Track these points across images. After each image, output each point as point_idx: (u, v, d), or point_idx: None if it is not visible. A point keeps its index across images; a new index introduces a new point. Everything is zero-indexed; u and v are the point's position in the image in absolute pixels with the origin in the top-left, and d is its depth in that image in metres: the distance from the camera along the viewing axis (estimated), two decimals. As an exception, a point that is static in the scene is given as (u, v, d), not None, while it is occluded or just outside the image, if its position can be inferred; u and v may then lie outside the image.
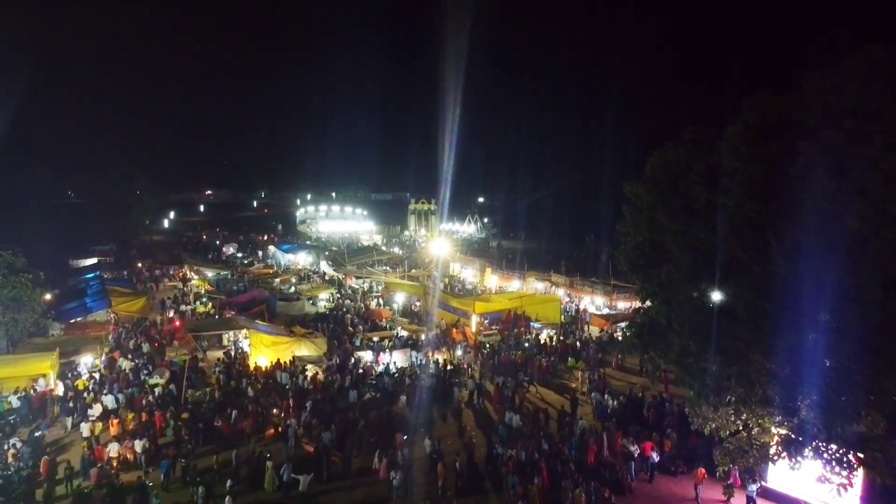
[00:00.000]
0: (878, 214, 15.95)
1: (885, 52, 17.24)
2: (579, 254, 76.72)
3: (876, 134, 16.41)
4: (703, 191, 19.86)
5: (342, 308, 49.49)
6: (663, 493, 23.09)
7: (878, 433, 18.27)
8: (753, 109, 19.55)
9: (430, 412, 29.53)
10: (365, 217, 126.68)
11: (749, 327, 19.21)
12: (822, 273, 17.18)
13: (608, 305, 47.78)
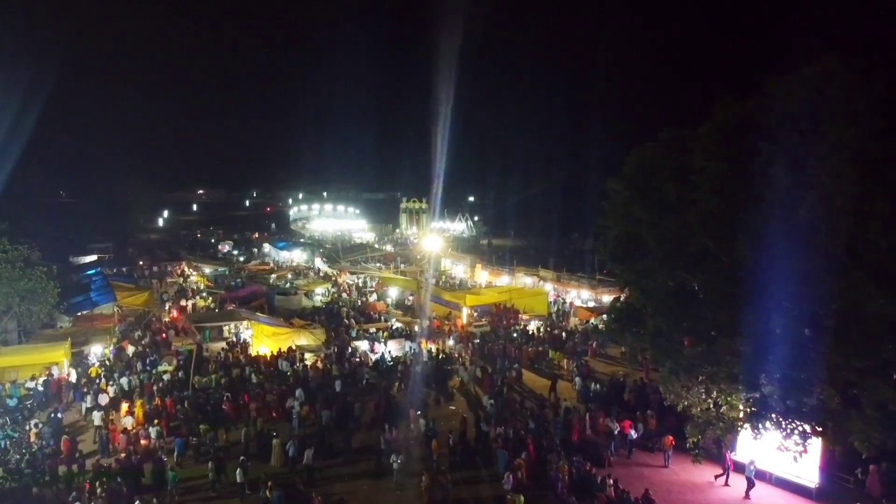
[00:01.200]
0: (826, 207, 17.84)
1: (839, 60, 19.17)
2: (566, 250, 78.69)
3: (828, 135, 18.32)
4: (675, 186, 21.81)
5: (338, 302, 51.26)
6: (640, 465, 24.95)
7: (832, 406, 20.19)
8: (721, 112, 21.57)
9: (424, 396, 31.28)
10: (357, 215, 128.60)
11: (716, 310, 21.22)
12: (781, 260, 19.07)
13: (593, 299, 49.74)
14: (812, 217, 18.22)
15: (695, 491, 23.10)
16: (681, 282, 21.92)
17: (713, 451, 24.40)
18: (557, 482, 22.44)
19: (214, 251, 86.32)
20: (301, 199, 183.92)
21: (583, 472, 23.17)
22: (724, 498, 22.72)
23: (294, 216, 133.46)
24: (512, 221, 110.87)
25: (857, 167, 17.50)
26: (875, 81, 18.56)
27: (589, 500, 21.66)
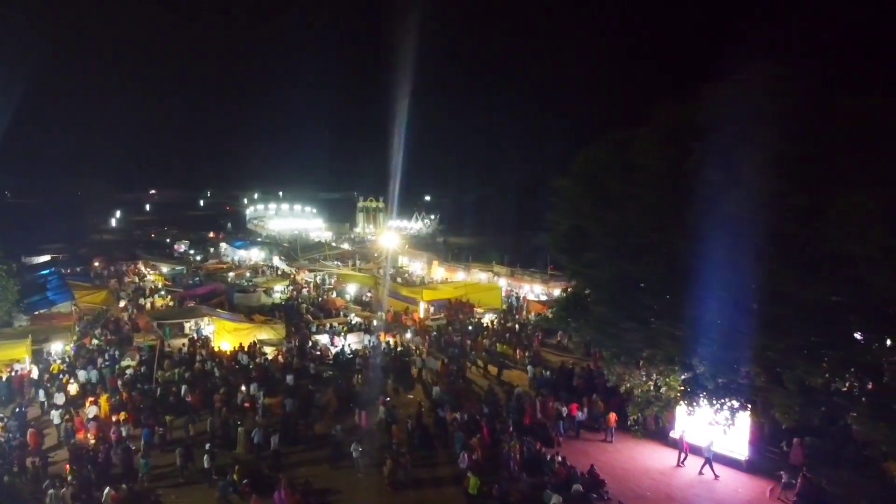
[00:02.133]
0: (750, 201, 19.65)
1: (765, 68, 21.07)
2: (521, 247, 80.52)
3: (752, 136, 20.16)
4: (619, 183, 23.42)
5: (297, 299, 52.09)
6: (586, 444, 26.66)
7: (759, 383, 22.14)
8: (661, 115, 23.32)
9: (384, 386, 32.51)
10: (314, 214, 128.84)
11: (655, 297, 23.01)
12: (713, 251, 20.86)
13: (545, 293, 51.62)
14: (739, 211, 20.02)
15: (635, 465, 24.89)
16: (623, 271, 23.49)
17: (652, 428, 26.28)
18: (510, 460, 23.95)
19: (170, 251, 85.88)
20: (257, 198, 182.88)
21: (533, 451, 24.75)
22: (662, 469, 24.58)
23: (250, 215, 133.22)
24: (468, 219, 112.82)
25: (777, 165, 19.29)
26: (795, 87, 20.53)
27: (539, 476, 23.18)
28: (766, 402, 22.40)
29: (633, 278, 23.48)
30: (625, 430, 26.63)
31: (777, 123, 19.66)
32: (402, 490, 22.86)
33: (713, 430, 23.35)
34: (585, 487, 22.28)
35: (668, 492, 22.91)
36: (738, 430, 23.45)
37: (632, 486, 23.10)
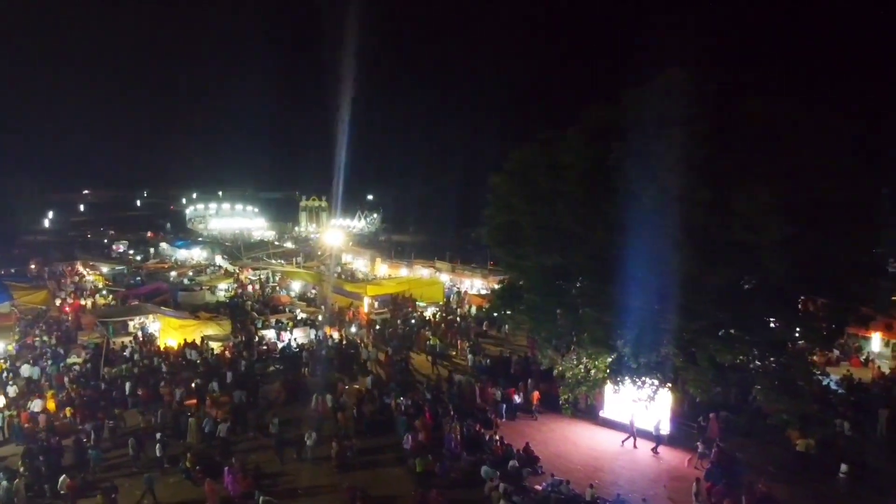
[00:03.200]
0: (664, 196, 21.63)
1: (679, 73, 23.11)
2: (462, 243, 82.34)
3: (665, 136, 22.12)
4: (549, 180, 25.18)
5: (242, 296, 52.61)
6: (521, 425, 28.42)
7: (677, 363, 24.25)
8: (586, 117, 25.20)
9: (330, 376, 33.65)
10: (256, 214, 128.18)
11: (583, 285, 24.89)
12: (634, 241, 22.78)
13: (486, 287, 53.49)
14: (654, 205, 21.97)
15: (567, 442, 26.78)
16: (553, 262, 25.27)
17: (582, 408, 28.25)
18: (451, 441, 25.48)
19: (108, 251, 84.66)
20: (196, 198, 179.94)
21: (473, 433, 26.37)
22: (592, 445, 26.49)
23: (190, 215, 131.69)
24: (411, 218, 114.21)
25: (687, 163, 21.30)
26: (704, 92, 22.62)
27: (478, 454, 24.77)
28: (682, 379, 24.55)
29: (563, 268, 25.28)
30: (557, 411, 28.45)
31: (687, 125, 21.65)
32: (349, 471, 24.09)
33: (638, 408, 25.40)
34: (521, 463, 24.00)
35: (596, 465, 24.79)
36: (659, 406, 25.57)
37: (564, 461, 24.87)
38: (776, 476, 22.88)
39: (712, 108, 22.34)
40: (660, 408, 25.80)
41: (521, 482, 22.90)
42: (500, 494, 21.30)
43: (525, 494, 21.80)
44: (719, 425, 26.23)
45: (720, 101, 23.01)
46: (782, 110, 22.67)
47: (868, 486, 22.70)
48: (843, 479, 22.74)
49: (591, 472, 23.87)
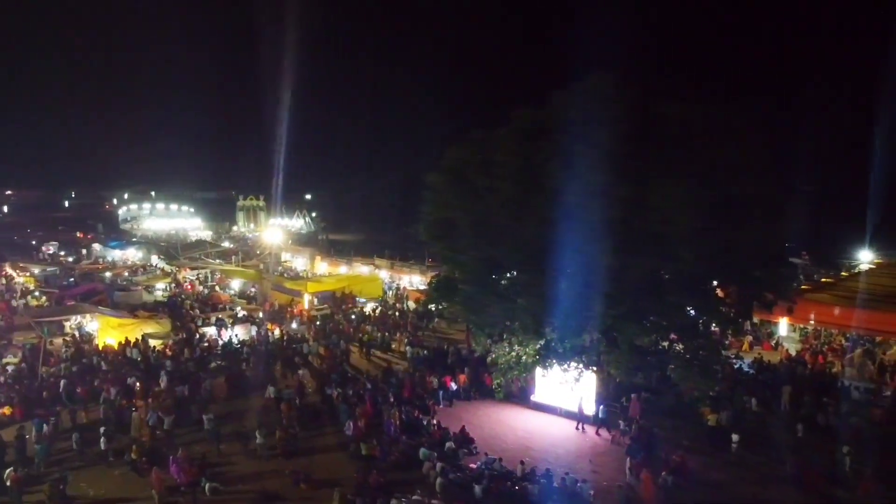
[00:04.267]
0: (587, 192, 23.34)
1: (604, 78, 24.93)
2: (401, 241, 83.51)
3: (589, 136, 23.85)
4: (481, 178, 26.61)
5: (181, 295, 52.58)
6: (458, 410, 29.87)
7: (600, 347, 26.12)
8: (518, 118, 26.75)
9: (272, 370, 34.40)
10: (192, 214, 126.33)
11: (513, 276, 26.50)
12: (560, 233, 24.43)
13: (424, 282, 54.85)
14: (579, 200, 23.66)
15: (500, 425, 28.32)
16: (486, 255, 26.74)
17: (514, 392, 29.92)
18: (391, 426, 26.71)
19: (38, 252, 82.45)
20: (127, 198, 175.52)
21: (411, 418, 27.68)
22: (524, 427, 28.10)
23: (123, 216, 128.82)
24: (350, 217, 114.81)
25: (608, 161, 23.05)
26: (623, 95, 24.48)
27: (417, 438, 26.08)
28: (605, 362, 26.44)
29: (495, 261, 26.80)
30: (491, 396, 30.02)
31: (609, 126, 23.43)
32: (292, 458, 25.02)
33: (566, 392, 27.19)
34: (457, 445, 25.41)
35: (527, 444, 26.38)
36: (584, 388, 27.39)
37: (497, 442, 26.39)
38: (689, 448, 24.95)
39: (633, 111, 24.18)
40: (586, 390, 27.63)
41: (458, 461, 24.29)
42: (438, 473, 22.66)
43: (461, 472, 23.20)
44: (640, 405, 28.19)
45: (640, 105, 24.89)
46: (696, 113, 24.78)
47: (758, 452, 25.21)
48: (735, 448, 24.98)
49: (523, 451, 25.41)
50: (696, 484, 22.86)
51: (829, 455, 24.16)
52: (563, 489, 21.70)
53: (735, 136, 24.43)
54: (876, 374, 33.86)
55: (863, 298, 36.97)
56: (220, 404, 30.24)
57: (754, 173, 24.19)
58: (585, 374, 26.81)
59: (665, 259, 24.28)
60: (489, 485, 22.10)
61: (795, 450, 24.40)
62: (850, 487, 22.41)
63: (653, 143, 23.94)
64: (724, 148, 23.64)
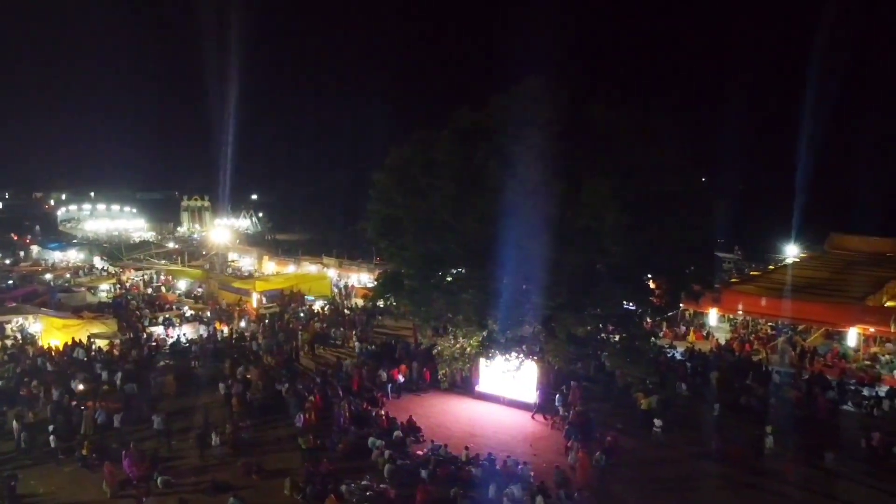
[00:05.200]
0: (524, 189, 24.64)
1: (538, 81, 26.28)
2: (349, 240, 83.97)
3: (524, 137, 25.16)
4: (424, 176, 27.69)
5: (126, 296, 52.25)
6: (405, 402, 30.91)
7: (541, 338, 27.49)
8: (458, 119, 27.93)
9: (221, 367, 34.79)
10: (134, 215, 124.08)
11: (456, 270, 27.68)
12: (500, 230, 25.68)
13: (371, 280, 55.68)
14: (516, 197, 24.94)
15: (446, 414, 29.48)
16: (430, 251, 27.80)
17: (459, 383, 31.12)
18: (340, 417, 27.59)
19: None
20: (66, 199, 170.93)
21: (360, 410, 28.61)
22: (469, 416, 29.29)
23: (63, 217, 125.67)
24: (297, 217, 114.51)
25: (542, 160, 24.40)
26: (559, 98, 25.89)
27: (366, 428, 27.02)
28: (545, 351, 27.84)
29: (439, 256, 27.91)
30: (437, 388, 31.18)
31: (542, 127, 24.80)
32: (243, 451, 25.65)
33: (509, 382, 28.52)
34: (404, 433, 26.45)
35: (471, 431, 27.57)
36: (526, 378, 28.76)
37: (443, 430, 27.49)
38: (623, 430, 26.53)
39: (564, 113, 25.62)
40: (529, 379, 28.99)
41: (405, 449, 25.34)
42: (386, 460, 23.69)
43: (408, 459, 24.28)
44: (579, 392, 29.69)
45: (570, 107, 26.36)
46: (621, 115, 26.40)
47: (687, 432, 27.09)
48: (658, 433, 26.66)
49: (467, 438, 26.57)
50: (628, 462, 24.45)
51: (750, 434, 26.12)
52: (505, 470, 22.98)
53: (657, 137, 26.12)
54: (797, 359, 36.24)
55: (787, 289, 39.52)
56: (169, 401, 30.62)
57: (676, 171, 25.96)
58: (526, 364, 28.12)
59: (597, 252, 25.77)
60: (435, 469, 23.24)
61: (720, 429, 26.25)
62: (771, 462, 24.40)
63: (582, 143, 25.47)
64: (646, 147, 25.27)
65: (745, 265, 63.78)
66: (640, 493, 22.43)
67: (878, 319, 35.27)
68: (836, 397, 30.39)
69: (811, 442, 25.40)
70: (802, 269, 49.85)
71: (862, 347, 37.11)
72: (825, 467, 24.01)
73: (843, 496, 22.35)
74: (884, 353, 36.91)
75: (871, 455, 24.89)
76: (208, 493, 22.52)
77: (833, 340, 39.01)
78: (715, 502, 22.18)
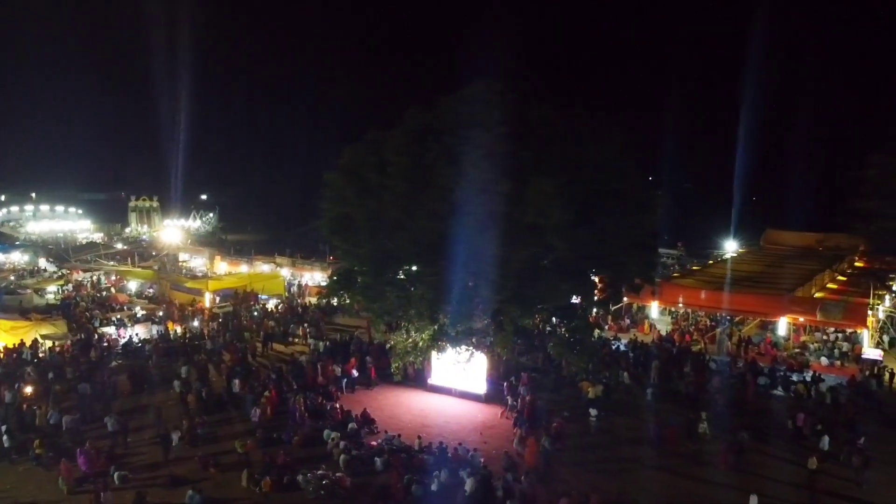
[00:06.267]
0: (472, 188, 25.63)
1: (485, 84, 27.30)
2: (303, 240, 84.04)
3: (472, 138, 26.16)
4: (376, 176, 28.41)
5: (75, 298, 51.64)
6: (360, 395, 31.69)
7: (490, 330, 28.59)
8: (408, 120, 28.77)
9: (176, 366, 34.98)
10: (80, 216, 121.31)
11: (407, 266, 28.56)
12: (450, 227, 26.62)
13: (325, 279, 56.14)
14: (465, 196, 25.93)
15: (399, 406, 30.39)
16: (382, 248, 28.61)
17: (412, 376, 32.06)
18: (295, 411, 28.22)
19: None
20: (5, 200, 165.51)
21: (316, 404, 29.30)
22: (421, 407, 30.24)
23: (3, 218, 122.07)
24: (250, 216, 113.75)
25: (490, 160, 25.42)
26: (507, 100, 26.94)
27: (321, 422, 27.72)
28: (494, 343, 28.97)
29: (391, 253, 28.74)
30: (391, 381, 32.08)
31: (490, 128, 25.84)
32: (200, 445, 26.09)
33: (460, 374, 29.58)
34: (359, 425, 27.27)
35: (424, 422, 28.52)
36: (476, 370, 29.84)
37: (396, 421, 28.36)
38: (569, 418, 27.79)
39: (511, 114, 26.68)
40: (479, 371, 30.07)
41: (360, 440, 26.16)
42: (341, 450, 24.49)
43: (363, 449, 25.12)
44: (528, 383, 30.91)
45: (518, 108, 27.45)
46: (566, 117, 27.67)
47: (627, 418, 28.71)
48: (593, 421, 28.01)
49: (420, 428, 27.53)
50: (572, 447, 25.75)
51: (686, 418, 27.71)
52: (456, 458, 23.99)
53: (602, 138, 27.48)
54: (733, 348, 38.22)
55: (725, 282, 41.56)
56: (123, 400, 30.80)
57: (620, 170, 27.36)
58: (477, 356, 29.19)
59: (543, 248, 26.97)
60: (389, 458, 24.15)
61: (658, 415, 27.77)
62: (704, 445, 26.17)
63: (529, 144, 26.57)
64: (591, 148, 26.58)
65: (687, 260, 66.25)
66: (584, 475, 23.68)
67: (806, 309, 37.45)
68: (767, 383, 32.32)
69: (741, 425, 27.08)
70: (739, 264, 52.30)
71: (792, 336, 39.32)
72: (751, 447, 25.70)
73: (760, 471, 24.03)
74: (812, 341, 39.20)
75: (797, 434, 26.72)
76: (166, 487, 22.97)
77: (766, 330, 41.19)
78: (651, 481, 23.52)
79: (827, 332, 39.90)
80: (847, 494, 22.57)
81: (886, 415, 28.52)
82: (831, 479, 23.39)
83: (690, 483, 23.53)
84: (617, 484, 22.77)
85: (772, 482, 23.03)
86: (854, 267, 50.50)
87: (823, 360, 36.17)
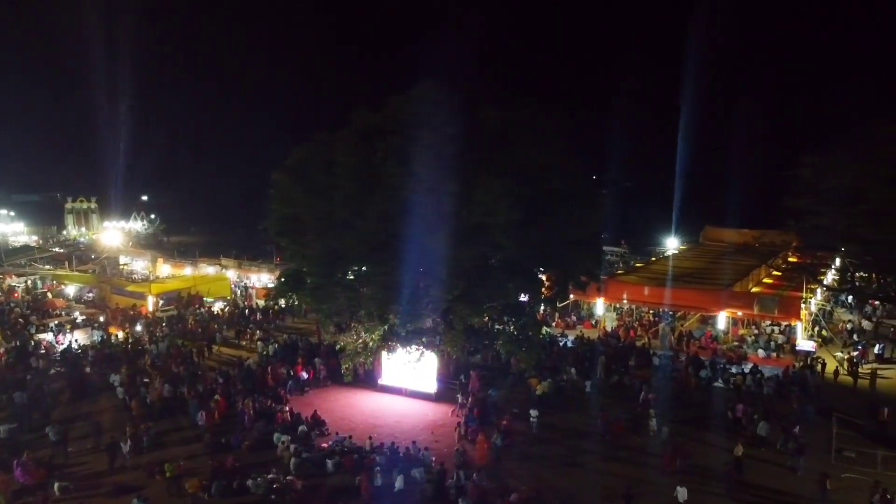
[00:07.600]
0: (420, 187, 25.77)
1: (433, 85, 27.45)
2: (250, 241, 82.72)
3: (420, 138, 26.28)
4: (324, 176, 28.34)
5: (9, 303, 49.77)
6: (310, 397, 31.48)
7: (440, 330, 28.77)
8: (357, 120, 28.73)
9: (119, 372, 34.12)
10: (12, 218, 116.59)
11: (356, 267, 28.53)
12: (399, 227, 26.71)
13: (272, 280, 55.44)
14: (414, 196, 26.06)
15: (350, 407, 30.30)
16: (331, 248, 28.44)
17: (362, 376, 32.02)
18: (244, 415, 27.89)
19: None
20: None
21: (265, 407, 28.98)
22: (372, 408, 30.22)
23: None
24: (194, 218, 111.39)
25: (438, 160, 25.61)
26: (454, 101, 27.16)
27: (270, 425, 27.45)
28: (443, 342, 29.17)
29: (340, 253, 28.64)
30: (341, 383, 31.96)
31: (437, 128, 26.01)
32: (146, 452, 25.54)
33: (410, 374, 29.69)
34: (309, 427, 27.10)
35: (375, 423, 28.52)
36: (426, 369, 29.99)
37: (347, 422, 28.27)
38: (518, 415, 28.20)
39: (459, 115, 26.89)
40: (429, 371, 30.22)
41: (310, 442, 26.01)
42: (291, 454, 24.33)
43: (313, 451, 24.98)
44: (478, 381, 31.20)
45: (466, 110, 27.70)
46: (513, 117, 28.03)
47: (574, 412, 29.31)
48: (534, 423, 27.94)
49: (371, 428, 27.54)
50: (522, 442, 26.17)
51: (630, 411, 28.45)
52: (407, 457, 24.10)
53: (548, 138, 27.93)
54: (675, 342, 39.31)
55: (666, 279, 42.65)
56: (63, 408, 29.91)
57: (566, 170, 27.88)
58: (427, 355, 29.34)
59: (491, 247, 27.31)
60: (340, 459, 24.11)
61: (603, 409, 28.42)
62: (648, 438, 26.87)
63: (476, 144, 26.88)
64: (538, 148, 27.01)
65: (630, 258, 67.73)
66: (533, 469, 24.11)
67: (744, 303, 38.76)
68: (709, 375, 33.36)
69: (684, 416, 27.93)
70: (680, 260, 53.76)
71: (731, 330, 40.65)
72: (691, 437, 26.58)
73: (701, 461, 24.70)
74: (749, 334, 40.60)
75: (736, 424, 27.68)
76: (110, 497, 22.46)
77: (707, 324, 42.46)
78: (597, 472, 24.10)
79: (762, 325, 41.36)
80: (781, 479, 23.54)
81: (819, 403, 29.74)
82: (767, 465, 24.37)
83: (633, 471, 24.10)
84: (565, 478, 23.23)
85: (703, 471, 23.91)
86: (788, 262, 52.38)
87: (760, 352, 37.50)
